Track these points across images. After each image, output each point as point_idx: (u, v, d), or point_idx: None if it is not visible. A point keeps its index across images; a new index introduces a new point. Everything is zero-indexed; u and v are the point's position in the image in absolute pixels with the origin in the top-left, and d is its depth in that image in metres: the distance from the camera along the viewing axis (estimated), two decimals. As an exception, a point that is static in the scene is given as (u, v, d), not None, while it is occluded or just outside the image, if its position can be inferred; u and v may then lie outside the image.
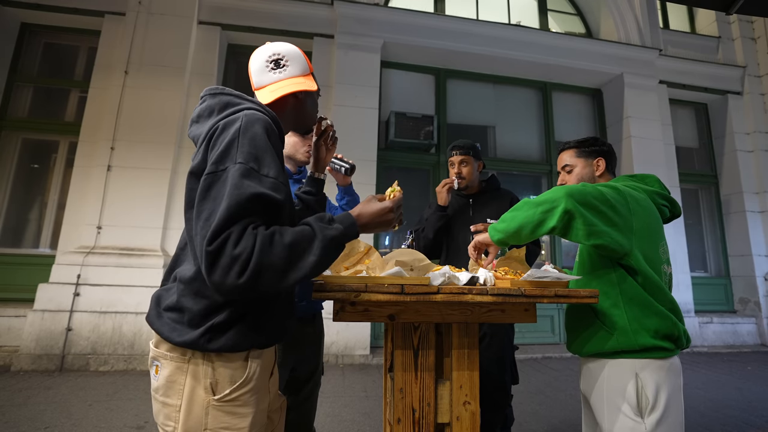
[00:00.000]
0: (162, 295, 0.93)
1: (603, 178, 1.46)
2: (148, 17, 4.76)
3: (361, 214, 0.97)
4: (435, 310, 1.09)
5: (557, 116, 6.24)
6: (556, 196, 1.16)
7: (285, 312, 0.98)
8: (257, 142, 0.86)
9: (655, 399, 1.17)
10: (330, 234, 0.86)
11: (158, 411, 0.88)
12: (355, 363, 4.36)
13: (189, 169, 0.91)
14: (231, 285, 0.76)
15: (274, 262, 0.78)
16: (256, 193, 0.80)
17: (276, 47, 1.09)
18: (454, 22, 5.64)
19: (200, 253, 0.78)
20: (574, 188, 1.18)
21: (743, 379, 4.13)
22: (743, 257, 6.17)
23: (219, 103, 0.98)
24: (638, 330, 1.19)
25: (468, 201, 2.21)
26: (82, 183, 4.48)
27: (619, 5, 6.30)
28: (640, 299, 1.21)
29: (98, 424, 2.62)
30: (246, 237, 0.77)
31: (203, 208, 0.82)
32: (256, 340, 0.89)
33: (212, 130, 0.91)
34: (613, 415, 1.19)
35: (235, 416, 0.86)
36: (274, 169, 0.87)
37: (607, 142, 1.51)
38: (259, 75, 1.07)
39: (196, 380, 0.85)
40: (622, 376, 1.20)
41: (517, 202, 1.29)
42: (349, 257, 1.16)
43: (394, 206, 1.01)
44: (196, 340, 0.84)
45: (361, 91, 5.12)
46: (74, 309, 3.91)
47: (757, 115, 6.54)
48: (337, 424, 2.76)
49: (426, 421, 1.09)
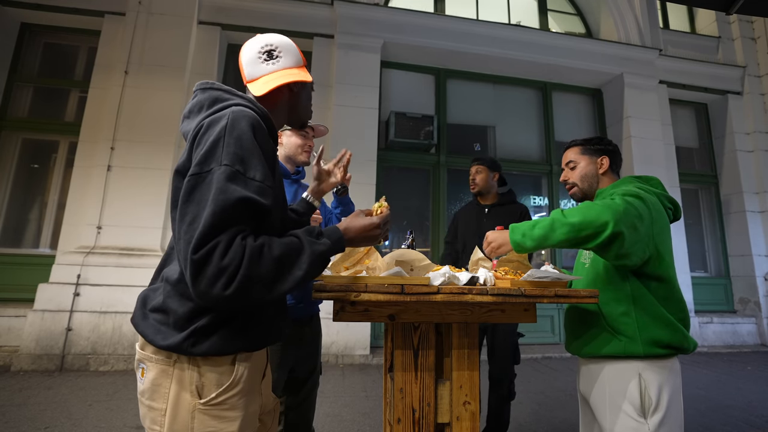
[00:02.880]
0: (148, 296, 0.91)
1: (606, 177, 1.46)
2: (148, 17, 4.76)
3: (348, 229, 0.97)
4: (435, 310, 1.09)
5: (557, 116, 6.24)
6: (602, 220, 1.10)
7: (276, 314, 0.97)
8: (243, 142, 0.84)
9: (658, 399, 1.17)
10: (319, 249, 0.86)
11: (144, 414, 0.87)
12: (355, 363, 4.36)
13: (175, 167, 0.89)
14: (216, 296, 0.74)
15: (261, 274, 0.77)
16: (242, 197, 0.78)
17: (268, 38, 1.05)
18: (454, 22, 5.64)
19: (184, 260, 0.77)
20: (619, 210, 1.12)
21: (743, 379, 4.13)
22: (743, 257, 6.17)
23: (208, 99, 0.96)
24: (647, 340, 1.19)
25: (484, 210, 2.52)
26: (82, 183, 4.48)
27: (619, 5, 6.30)
28: (653, 310, 1.21)
29: (98, 424, 2.62)
30: (234, 248, 0.75)
31: (187, 211, 0.80)
32: (242, 344, 0.87)
33: (198, 126, 0.89)
34: (616, 416, 1.19)
35: (222, 420, 0.84)
36: (260, 171, 0.84)
37: (613, 142, 1.51)
38: (252, 67, 1.03)
39: (182, 384, 0.83)
40: (624, 376, 1.20)
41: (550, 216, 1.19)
42: (349, 257, 1.16)
43: (380, 222, 1.00)
44: (180, 343, 0.82)
45: (361, 91, 5.12)
46: (74, 309, 3.91)
47: (757, 115, 6.54)
48: (337, 424, 2.76)
49: (426, 421, 1.09)
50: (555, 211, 1.19)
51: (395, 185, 5.49)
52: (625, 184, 1.38)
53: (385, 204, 1.12)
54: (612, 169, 1.47)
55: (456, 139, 5.84)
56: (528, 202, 6.08)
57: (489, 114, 6.06)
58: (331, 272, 1.11)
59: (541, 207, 6.08)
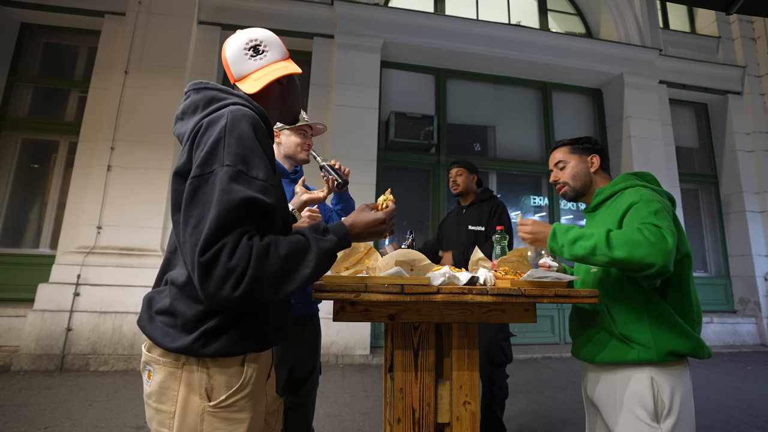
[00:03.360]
0: (154, 298, 0.90)
1: (598, 176, 1.45)
2: (148, 17, 4.76)
3: (354, 224, 0.96)
4: (435, 310, 1.09)
5: (557, 116, 6.23)
6: (649, 261, 1.05)
7: (282, 314, 0.96)
8: (245, 141, 0.83)
9: (671, 403, 1.15)
10: (325, 246, 0.85)
11: (151, 417, 0.86)
12: (355, 363, 4.36)
13: (174, 168, 0.87)
14: (225, 297, 0.74)
15: (269, 274, 0.76)
16: (246, 197, 0.77)
17: (251, 33, 1.03)
18: (454, 22, 5.64)
19: (191, 263, 0.76)
20: (669, 249, 1.06)
21: (743, 379, 4.13)
22: (743, 257, 6.17)
23: (204, 99, 0.94)
24: (663, 350, 1.17)
25: (462, 210, 2.72)
26: (82, 183, 4.48)
27: (619, 5, 6.30)
28: (668, 320, 1.19)
29: (98, 424, 2.62)
30: (241, 249, 0.74)
31: (191, 214, 0.79)
32: (252, 344, 0.86)
33: (197, 127, 0.87)
34: (628, 421, 1.17)
35: (231, 422, 0.83)
36: (263, 170, 0.83)
37: (599, 141, 1.51)
38: (239, 64, 1.01)
39: (190, 386, 0.82)
40: (637, 381, 1.18)
41: (595, 238, 1.11)
42: (349, 257, 1.16)
43: (386, 218, 1.00)
44: (190, 345, 0.81)
45: (361, 91, 5.12)
46: (74, 309, 3.91)
47: (757, 115, 6.54)
48: (337, 424, 2.76)
49: (426, 421, 1.09)
50: (600, 233, 1.11)
51: (395, 185, 5.49)
52: (624, 181, 1.37)
53: (390, 197, 1.10)
54: (603, 167, 1.46)
55: (456, 139, 5.84)
56: (528, 202, 6.09)
57: (489, 114, 6.06)
58: (331, 272, 1.11)
59: (541, 207, 6.08)
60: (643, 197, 1.22)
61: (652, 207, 1.18)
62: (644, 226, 1.10)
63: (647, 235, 1.07)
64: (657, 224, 1.11)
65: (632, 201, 1.23)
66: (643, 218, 1.15)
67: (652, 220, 1.13)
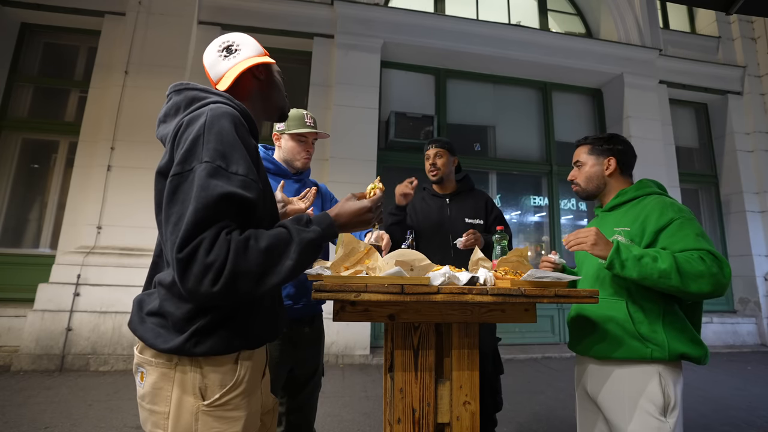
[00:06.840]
0: (144, 300, 0.89)
1: (613, 179, 1.43)
2: (148, 17, 4.76)
3: (339, 214, 0.95)
4: (435, 310, 1.09)
5: (557, 116, 6.23)
6: (707, 291, 1.13)
7: (274, 310, 0.96)
8: (224, 137, 0.82)
9: (676, 397, 1.20)
10: (307, 237, 0.84)
11: (146, 419, 0.85)
12: (355, 363, 4.36)
13: (156, 169, 0.87)
14: (205, 293, 0.73)
15: (249, 268, 0.75)
16: (224, 192, 0.77)
17: (225, 36, 1.04)
18: (454, 22, 5.64)
19: (171, 261, 0.76)
20: (725, 284, 1.14)
21: (743, 379, 4.13)
22: (743, 257, 6.16)
23: (185, 99, 0.94)
24: (674, 351, 1.21)
25: (445, 201, 2.25)
26: (82, 183, 4.48)
27: (619, 5, 6.30)
28: (681, 326, 1.24)
29: (98, 424, 2.62)
30: (219, 244, 0.74)
31: (171, 212, 0.79)
32: (244, 342, 0.86)
33: (177, 127, 0.87)
34: (637, 417, 1.19)
35: (226, 421, 0.83)
36: (243, 165, 0.82)
37: (625, 141, 1.46)
38: (215, 67, 1.03)
39: (184, 387, 0.82)
40: (645, 376, 1.21)
41: (665, 264, 1.13)
42: (349, 257, 1.15)
43: (372, 206, 0.98)
44: (182, 345, 0.80)
45: (361, 91, 5.12)
46: (74, 309, 3.91)
47: (757, 115, 6.54)
48: (337, 424, 2.75)
49: (426, 421, 1.09)
50: (667, 258, 1.14)
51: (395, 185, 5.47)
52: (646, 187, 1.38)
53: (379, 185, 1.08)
54: (621, 169, 1.43)
55: (456, 139, 5.79)
56: (528, 202, 6.09)
57: (489, 114, 6.06)
58: (331, 272, 1.11)
59: (541, 207, 6.08)
60: (681, 214, 1.24)
61: (695, 228, 1.22)
62: (705, 256, 1.15)
63: (710, 266, 1.12)
64: (712, 252, 1.16)
65: (671, 217, 1.24)
66: (696, 244, 1.19)
67: (705, 245, 1.18)
